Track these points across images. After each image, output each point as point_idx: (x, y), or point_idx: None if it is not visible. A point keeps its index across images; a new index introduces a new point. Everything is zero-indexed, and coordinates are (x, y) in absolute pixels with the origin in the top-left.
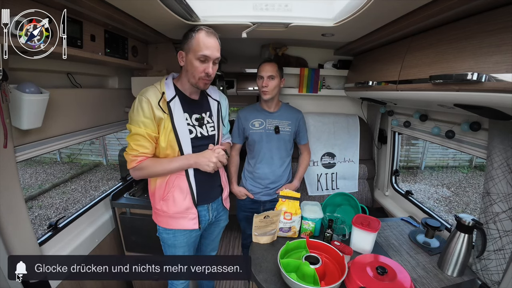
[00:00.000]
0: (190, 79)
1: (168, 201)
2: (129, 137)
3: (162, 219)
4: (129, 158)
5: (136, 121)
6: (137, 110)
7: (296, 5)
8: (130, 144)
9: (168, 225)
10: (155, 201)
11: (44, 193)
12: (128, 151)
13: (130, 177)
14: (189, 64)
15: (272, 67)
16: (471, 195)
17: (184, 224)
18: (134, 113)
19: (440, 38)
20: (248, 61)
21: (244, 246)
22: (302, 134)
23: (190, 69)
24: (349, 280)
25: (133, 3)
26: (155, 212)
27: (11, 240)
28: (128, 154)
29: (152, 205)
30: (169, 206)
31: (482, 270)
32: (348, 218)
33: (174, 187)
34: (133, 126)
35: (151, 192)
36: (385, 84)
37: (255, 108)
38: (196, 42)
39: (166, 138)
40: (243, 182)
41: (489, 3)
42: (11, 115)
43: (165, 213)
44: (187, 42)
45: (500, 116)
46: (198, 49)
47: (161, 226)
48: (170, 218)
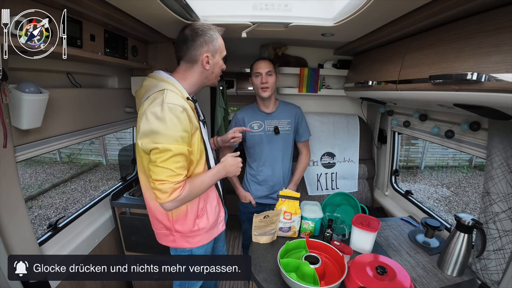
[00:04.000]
0: (211, 79)
1: (203, 216)
2: (165, 160)
3: (198, 239)
4: (170, 188)
5: (173, 137)
6: (173, 122)
7: (296, 5)
8: (168, 169)
9: (205, 240)
10: (188, 222)
11: (44, 193)
12: (168, 178)
13: (129, 177)
14: (216, 65)
15: (269, 64)
16: (471, 195)
17: (217, 231)
18: (168, 127)
19: (440, 38)
20: (248, 61)
21: (244, 247)
22: (302, 131)
23: (216, 70)
24: (348, 280)
25: (133, 3)
26: (188, 236)
27: (11, 240)
28: (168, 183)
29: (180, 232)
30: (207, 219)
31: (481, 270)
32: (348, 218)
33: (207, 199)
34: (172, 145)
35: (178, 218)
36: (385, 84)
37: (252, 109)
38: (220, 43)
39: (198, 150)
40: (246, 186)
41: (489, 3)
42: (10, 115)
43: (203, 229)
44: (212, 43)
45: (500, 116)
46: (223, 49)
47: (196, 246)
48: (207, 232)
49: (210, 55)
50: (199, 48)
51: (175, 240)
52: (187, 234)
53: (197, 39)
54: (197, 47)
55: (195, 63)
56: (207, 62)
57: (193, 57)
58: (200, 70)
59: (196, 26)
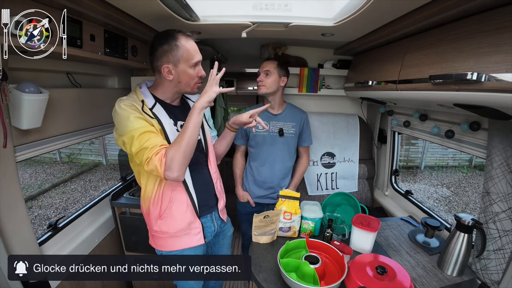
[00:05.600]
0: (184, 89)
1: (167, 218)
2: (136, 145)
3: (163, 242)
4: (156, 160)
5: (130, 122)
6: (124, 113)
7: (295, 4)
8: (142, 148)
9: (171, 247)
10: (151, 222)
11: (44, 193)
12: (148, 155)
13: (129, 177)
14: (182, 75)
15: (270, 63)
16: (471, 195)
17: (188, 242)
18: (122, 119)
19: (440, 38)
20: (248, 61)
21: (244, 247)
22: (305, 136)
23: (184, 80)
24: (348, 280)
25: (133, 3)
26: (153, 236)
27: (11, 240)
28: (150, 159)
29: (149, 228)
30: (169, 224)
31: (481, 269)
32: (347, 217)
33: (171, 201)
34: (132, 129)
35: (145, 212)
36: (385, 84)
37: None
38: (184, 50)
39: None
40: (245, 185)
41: (489, 3)
42: (10, 115)
43: (166, 234)
44: (171, 53)
45: (500, 116)
46: (190, 57)
47: (163, 250)
48: (172, 238)
49: (171, 65)
50: (159, 58)
51: (151, 238)
52: (154, 233)
53: (157, 50)
54: (157, 57)
55: (159, 73)
56: (169, 72)
57: (156, 67)
58: (166, 80)
59: (159, 35)
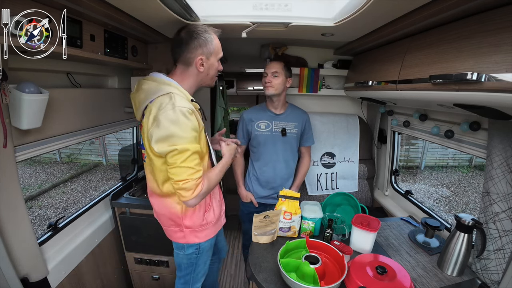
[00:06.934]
0: (207, 81)
1: (210, 210)
2: (184, 160)
3: (207, 232)
4: (193, 184)
5: (188, 138)
6: (186, 124)
7: (295, 4)
8: (188, 167)
9: (212, 233)
10: (197, 218)
11: (44, 193)
12: (190, 176)
13: (129, 177)
14: (211, 67)
15: (277, 65)
16: (471, 195)
17: (221, 222)
18: (183, 129)
19: (440, 38)
20: (248, 61)
21: (245, 247)
22: (307, 137)
23: (211, 72)
24: (348, 280)
25: (133, 3)
26: (197, 231)
27: (11, 240)
28: (190, 181)
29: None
30: (213, 213)
31: (481, 269)
32: (348, 217)
33: (212, 194)
34: (189, 145)
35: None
36: (385, 84)
37: (261, 109)
38: (216, 44)
39: (205, 146)
40: (248, 186)
41: (489, 3)
42: (10, 115)
43: (211, 223)
44: (207, 46)
45: (500, 116)
46: (219, 51)
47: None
48: (215, 224)
49: (205, 57)
50: (193, 51)
51: (185, 236)
52: (196, 228)
53: (192, 42)
54: (191, 50)
55: (190, 65)
56: (201, 64)
57: (188, 59)
58: (195, 72)
59: (191, 28)
